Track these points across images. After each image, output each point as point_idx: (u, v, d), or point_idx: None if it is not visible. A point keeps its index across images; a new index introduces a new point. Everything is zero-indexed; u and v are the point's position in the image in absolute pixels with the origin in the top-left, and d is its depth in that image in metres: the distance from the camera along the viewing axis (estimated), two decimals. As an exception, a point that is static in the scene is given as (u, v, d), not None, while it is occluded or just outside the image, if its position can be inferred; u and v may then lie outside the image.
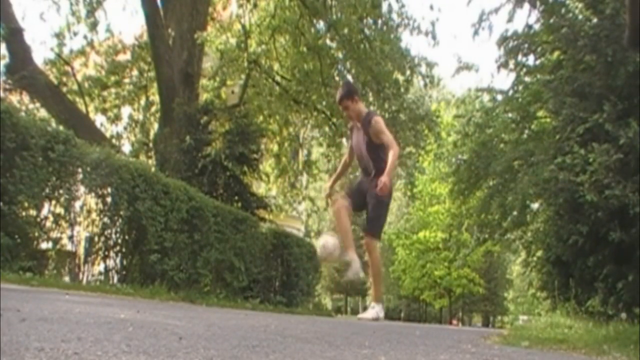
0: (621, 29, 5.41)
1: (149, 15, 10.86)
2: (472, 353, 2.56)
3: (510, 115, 12.03)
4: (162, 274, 6.79)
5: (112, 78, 13.80)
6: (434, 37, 11.85)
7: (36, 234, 5.60)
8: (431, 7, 24.27)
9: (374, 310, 4.80)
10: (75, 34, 13.42)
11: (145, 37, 12.71)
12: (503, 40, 9.91)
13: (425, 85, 12.98)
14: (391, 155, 4.66)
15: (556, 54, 7.72)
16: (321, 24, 12.07)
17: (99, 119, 13.86)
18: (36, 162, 5.29)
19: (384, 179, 4.51)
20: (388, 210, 5.02)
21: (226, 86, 12.40)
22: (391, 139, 4.85)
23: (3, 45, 10.55)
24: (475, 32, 10.53)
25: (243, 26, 11.73)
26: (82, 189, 6.13)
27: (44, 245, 5.80)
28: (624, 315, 5.10)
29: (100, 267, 6.55)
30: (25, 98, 11.49)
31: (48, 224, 5.73)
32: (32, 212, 5.52)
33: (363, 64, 11.64)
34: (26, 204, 5.35)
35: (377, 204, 4.74)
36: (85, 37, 13.59)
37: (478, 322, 41.84)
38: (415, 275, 30.22)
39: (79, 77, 13.29)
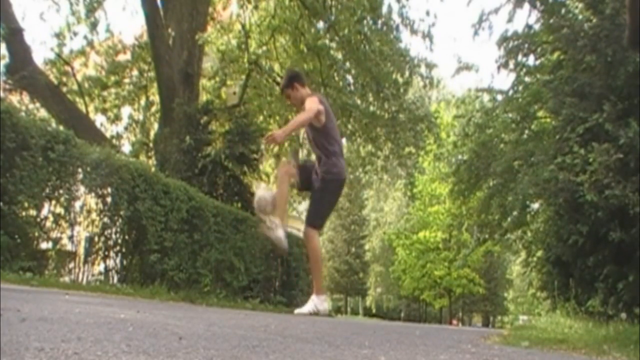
0: (621, 29, 5.42)
1: (149, 15, 10.86)
2: (472, 353, 2.56)
3: (510, 115, 12.02)
4: (162, 274, 6.80)
5: (112, 78, 13.80)
6: (430, 40, 11.87)
7: (36, 234, 5.59)
8: (427, 13, 24.12)
9: (312, 303, 4.47)
10: (75, 34, 13.43)
11: (145, 37, 12.70)
12: (503, 40, 9.92)
13: (425, 86, 12.98)
14: (298, 115, 4.47)
15: (556, 54, 7.72)
16: (321, 24, 12.07)
17: (99, 119, 13.86)
18: (36, 162, 5.29)
19: (276, 132, 4.31)
20: (328, 201, 4.69)
21: (226, 86, 12.40)
22: (309, 105, 4.35)
23: (3, 45, 10.54)
24: (476, 33, 10.57)
25: (243, 26, 11.73)
26: (82, 189, 6.12)
27: (44, 245, 5.80)
28: (624, 315, 5.10)
29: (100, 267, 6.55)
30: (25, 98, 11.48)
31: (48, 224, 5.73)
32: (32, 212, 5.52)
33: (362, 64, 11.64)
34: (26, 204, 5.35)
35: (315, 194, 4.58)
36: (85, 37, 13.61)
37: (478, 322, 41.84)
38: (415, 275, 30.20)
39: (79, 77, 13.29)
